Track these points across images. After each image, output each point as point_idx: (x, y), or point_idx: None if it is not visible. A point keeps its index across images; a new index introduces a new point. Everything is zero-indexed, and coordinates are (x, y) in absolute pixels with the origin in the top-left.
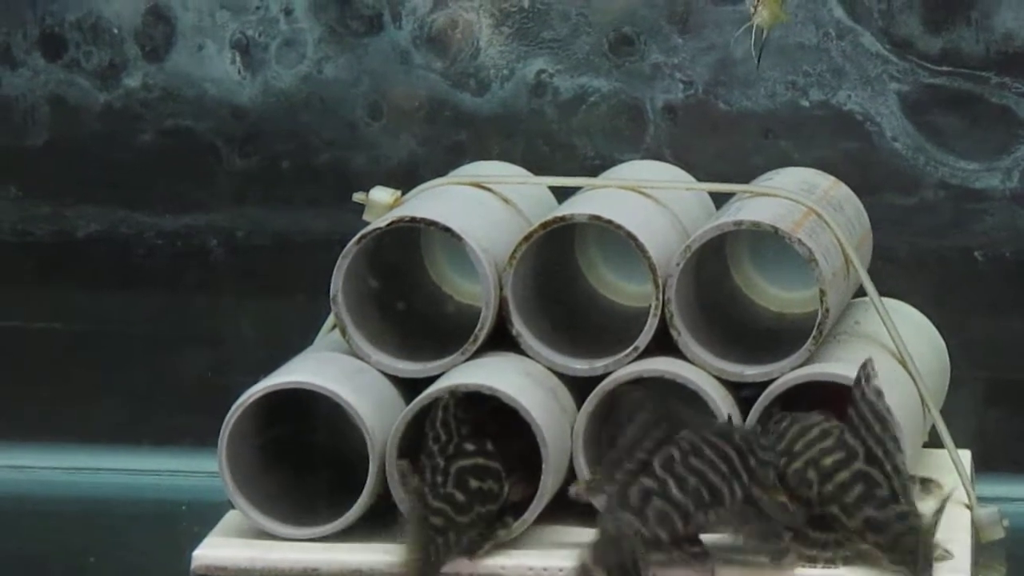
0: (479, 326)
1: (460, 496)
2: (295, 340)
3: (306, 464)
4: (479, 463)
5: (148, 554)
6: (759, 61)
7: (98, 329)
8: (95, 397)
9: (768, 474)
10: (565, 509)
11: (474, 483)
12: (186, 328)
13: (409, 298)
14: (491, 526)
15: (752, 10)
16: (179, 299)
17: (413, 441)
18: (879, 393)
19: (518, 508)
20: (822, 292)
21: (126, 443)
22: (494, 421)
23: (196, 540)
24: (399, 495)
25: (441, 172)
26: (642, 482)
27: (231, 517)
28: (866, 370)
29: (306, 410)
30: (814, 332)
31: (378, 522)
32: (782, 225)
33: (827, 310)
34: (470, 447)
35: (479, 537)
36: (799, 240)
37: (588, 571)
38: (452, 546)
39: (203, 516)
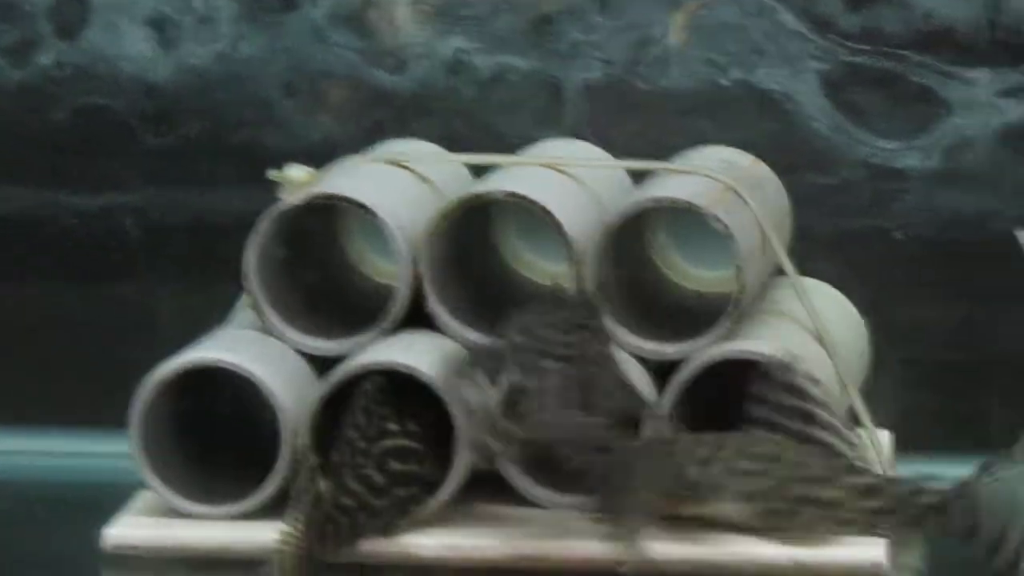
0: (394, 303)
1: (379, 478)
2: (212, 320)
3: (220, 443)
4: (401, 444)
5: (62, 534)
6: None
7: (11, 309)
8: (7, 378)
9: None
10: (481, 486)
11: (396, 465)
12: (101, 308)
13: (325, 277)
14: (409, 505)
15: None
16: (94, 279)
17: (326, 420)
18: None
19: (434, 486)
20: (739, 269)
21: (40, 424)
22: (412, 399)
23: (110, 520)
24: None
25: (358, 151)
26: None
27: (144, 496)
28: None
29: (220, 389)
30: (730, 309)
31: (291, 500)
32: (699, 202)
33: (743, 287)
34: (393, 427)
35: (396, 516)
36: (716, 217)
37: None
38: (363, 528)
39: (118, 497)
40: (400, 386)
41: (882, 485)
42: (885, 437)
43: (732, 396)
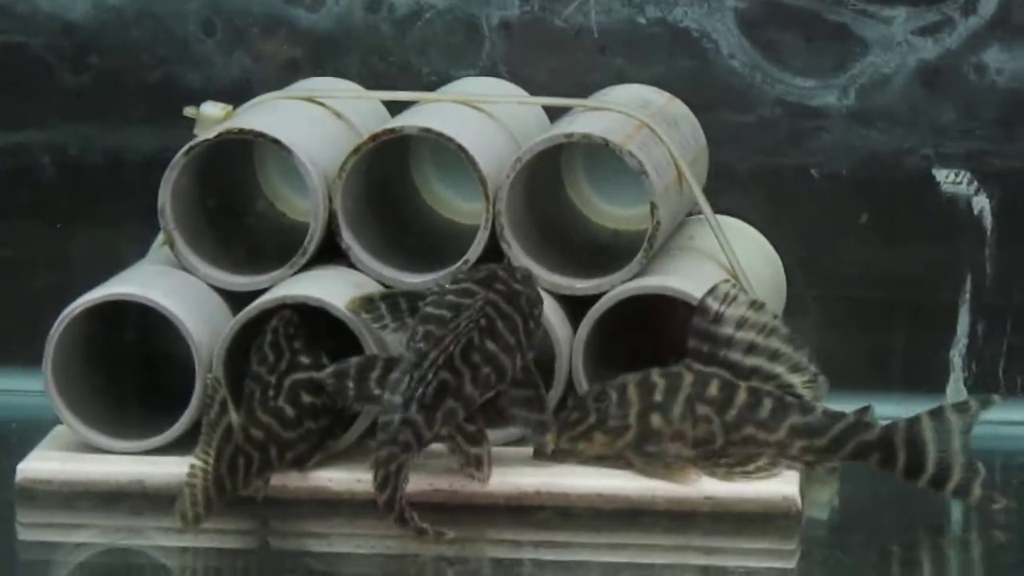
0: (308, 239)
1: (290, 411)
2: (129, 258)
3: (134, 378)
4: (314, 377)
5: None
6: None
7: None
8: None
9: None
10: None
11: (307, 398)
12: (18, 247)
13: (242, 214)
14: (321, 438)
15: None
16: (10, 217)
17: (240, 355)
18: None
19: (347, 420)
20: (653, 205)
21: None
22: (328, 335)
23: (23, 456)
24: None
25: (275, 89)
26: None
27: (59, 432)
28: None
29: (135, 324)
30: (645, 245)
31: (201, 434)
32: (613, 138)
33: (658, 223)
34: (305, 360)
35: (309, 449)
36: (630, 152)
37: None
38: (274, 461)
39: (33, 433)
40: (314, 320)
41: (827, 424)
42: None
43: (648, 332)
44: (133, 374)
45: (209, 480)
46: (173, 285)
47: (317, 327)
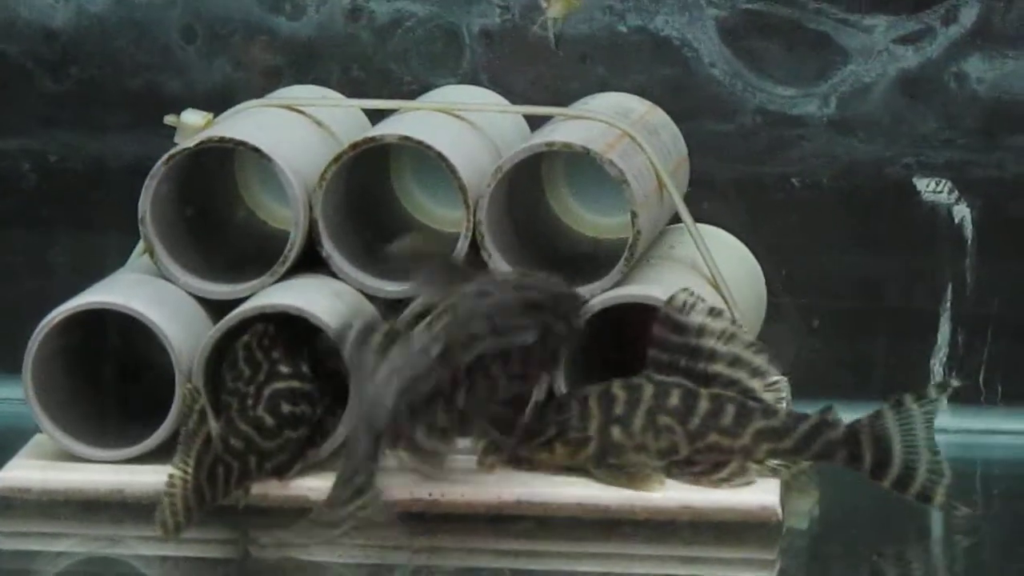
0: (288, 247)
1: (269, 420)
2: (109, 266)
3: (114, 387)
4: (293, 386)
5: None
6: (556, 45)
7: None
8: None
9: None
10: None
11: (286, 407)
12: None
13: (222, 222)
14: (301, 448)
15: (545, 3)
16: None
17: (220, 364)
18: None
19: (327, 430)
20: (633, 214)
21: None
22: (307, 344)
23: (2, 464)
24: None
25: (256, 96)
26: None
27: (38, 440)
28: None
29: (115, 333)
30: (625, 254)
31: (179, 443)
32: (594, 147)
33: (638, 232)
34: (284, 370)
35: (289, 459)
36: (611, 161)
37: None
38: (254, 470)
39: (12, 441)
40: (295, 329)
41: (791, 425)
42: (782, 383)
43: (627, 342)
44: (113, 383)
45: (188, 489)
46: (153, 293)
47: (297, 335)
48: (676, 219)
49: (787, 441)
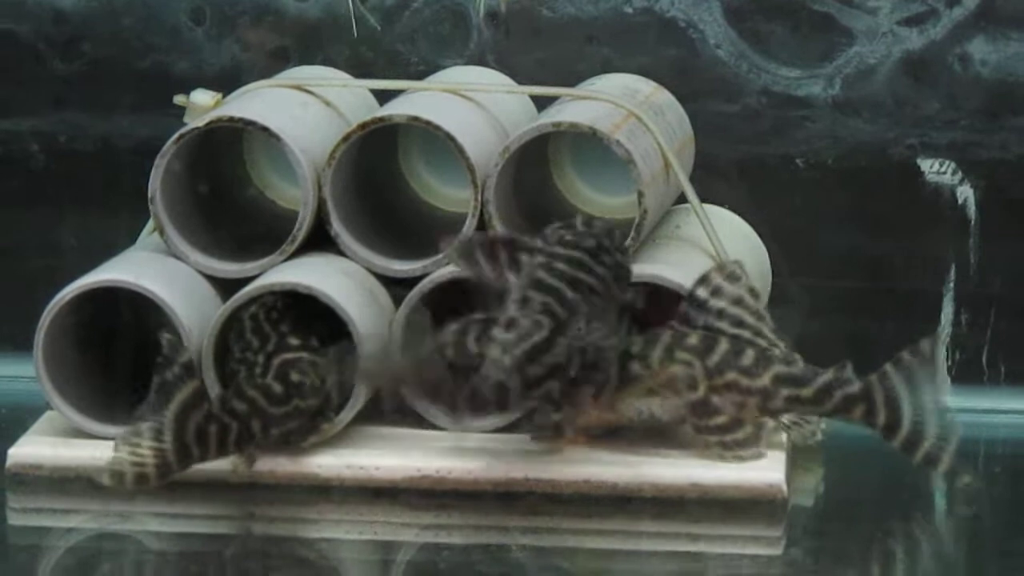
0: (297, 226)
1: (278, 388)
2: (118, 245)
3: (124, 364)
4: (304, 357)
5: None
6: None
7: None
8: None
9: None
10: (381, 408)
11: (295, 376)
12: (8, 234)
13: (231, 201)
14: (315, 419)
15: None
16: (0, 204)
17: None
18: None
19: (340, 403)
20: (640, 194)
21: None
22: (317, 321)
23: (14, 442)
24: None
25: (264, 77)
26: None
27: (49, 417)
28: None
29: (125, 311)
30: (632, 234)
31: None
32: (601, 127)
33: (645, 212)
34: (294, 341)
35: (299, 428)
36: (617, 141)
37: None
38: (256, 435)
39: (23, 418)
40: (305, 307)
41: (810, 375)
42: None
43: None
44: (123, 360)
45: (166, 444)
46: (163, 272)
47: (305, 314)
48: (682, 199)
49: (806, 390)
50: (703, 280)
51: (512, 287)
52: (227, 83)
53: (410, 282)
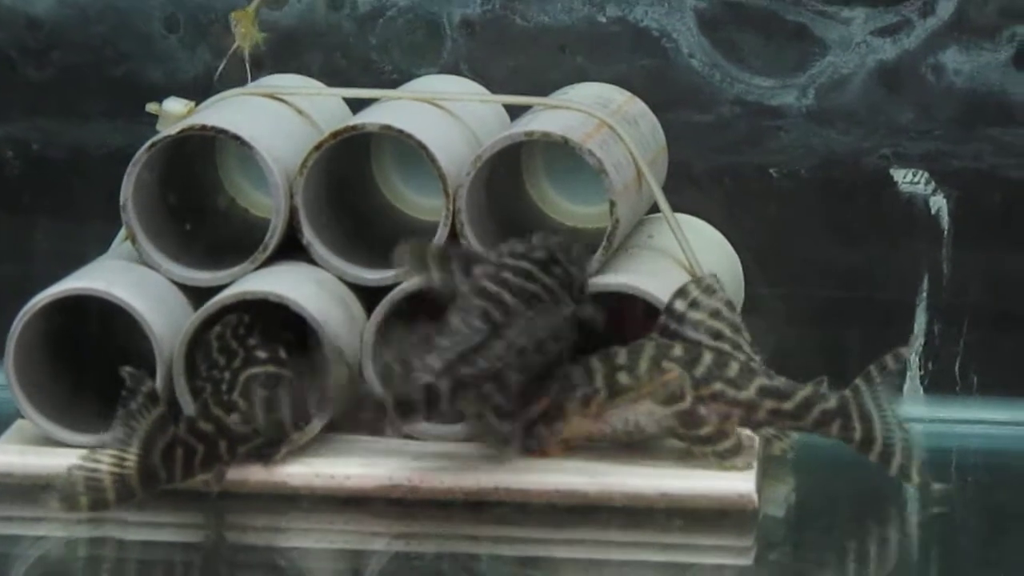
0: (269, 235)
1: (244, 405)
2: (91, 253)
3: (95, 373)
4: (270, 371)
5: None
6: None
7: None
8: None
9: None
10: (352, 417)
11: (262, 392)
12: None
13: (203, 210)
14: (278, 431)
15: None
16: None
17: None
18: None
19: (307, 416)
20: (612, 203)
21: None
22: (286, 331)
23: None
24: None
25: (237, 86)
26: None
27: (20, 426)
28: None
29: (97, 319)
30: (604, 243)
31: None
32: (573, 136)
33: (617, 221)
34: (262, 355)
35: (267, 443)
36: (589, 151)
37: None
38: (223, 454)
39: None
40: (274, 316)
41: (792, 389)
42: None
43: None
44: (94, 368)
45: (128, 470)
46: (135, 280)
47: (273, 324)
48: (655, 209)
49: (788, 403)
50: (680, 292)
51: (459, 296)
52: (200, 91)
53: (382, 291)
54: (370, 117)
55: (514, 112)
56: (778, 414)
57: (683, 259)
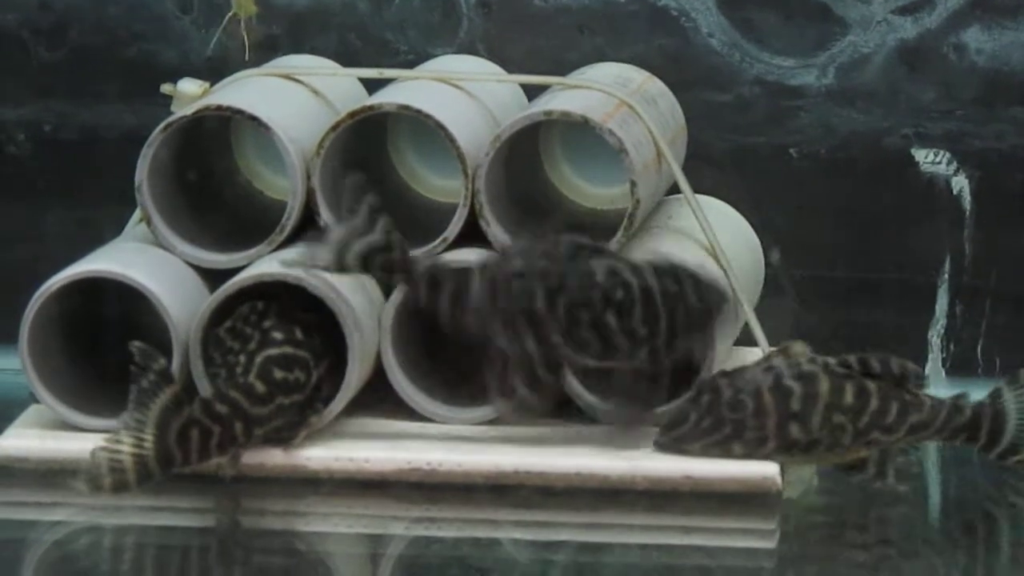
0: (286, 216)
1: (260, 386)
2: (104, 235)
3: (111, 356)
4: (287, 352)
5: None
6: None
7: None
8: None
9: None
10: (372, 400)
11: (279, 373)
12: None
13: (219, 191)
14: (302, 414)
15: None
16: None
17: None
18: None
19: (328, 395)
20: (632, 183)
21: None
22: (304, 311)
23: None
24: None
25: (252, 66)
26: None
27: (35, 410)
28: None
29: (112, 302)
30: (624, 223)
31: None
32: (592, 115)
33: (637, 202)
34: (278, 336)
35: (286, 425)
36: (609, 130)
37: None
38: (239, 436)
39: (10, 412)
40: (292, 298)
41: (933, 415)
42: None
43: None
44: (110, 352)
45: (147, 451)
46: (150, 262)
47: (292, 303)
48: (674, 189)
49: (928, 431)
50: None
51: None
52: (215, 72)
53: None
54: (388, 97)
55: (531, 93)
56: (913, 440)
57: (703, 240)
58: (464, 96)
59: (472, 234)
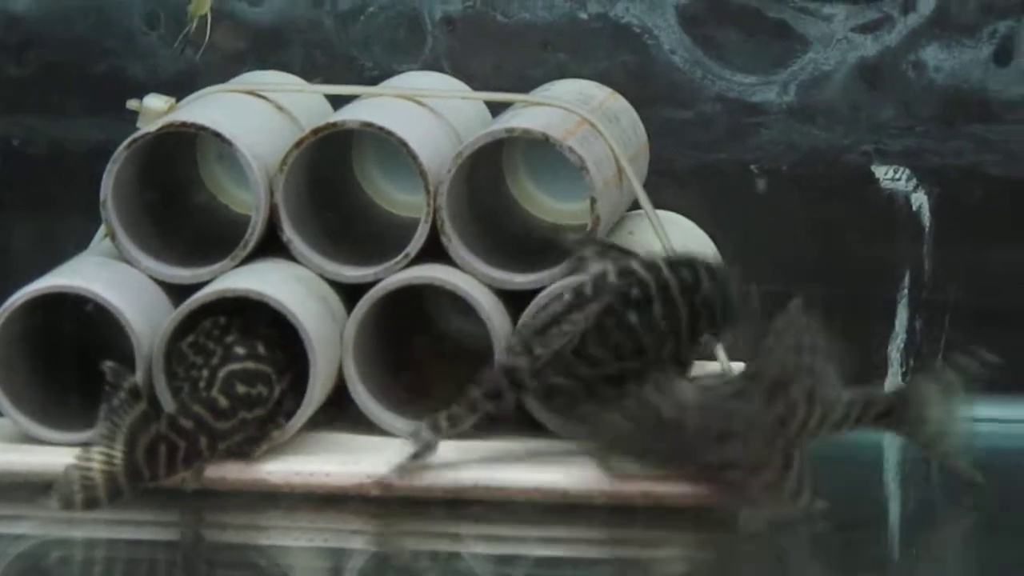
0: (249, 232)
1: (223, 401)
2: (70, 250)
3: (75, 370)
4: (248, 367)
5: None
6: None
7: None
8: None
9: None
10: (333, 415)
11: (241, 388)
12: None
13: (184, 207)
14: (264, 428)
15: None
16: None
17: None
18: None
19: (289, 410)
20: (593, 200)
21: None
22: (266, 327)
23: None
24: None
25: (219, 82)
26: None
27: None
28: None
29: (76, 316)
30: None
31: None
32: (553, 133)
33: (598, 218)
34: (240, 351)
35: (253, 439)
36: (570, 148)
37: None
38: (203, 451)
39: None
40: (254, 313)
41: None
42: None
43: None
44: (73, 366)
45: (116, 467)
46: (115, 277)
47: (254, 318)
48: (636, 205)
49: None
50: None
51: None
52: (181, 88)
53: (363, 288)
54: (351, 114)
55: (495, 109)
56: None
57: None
58: (428, 113)
59: (434, 250)
